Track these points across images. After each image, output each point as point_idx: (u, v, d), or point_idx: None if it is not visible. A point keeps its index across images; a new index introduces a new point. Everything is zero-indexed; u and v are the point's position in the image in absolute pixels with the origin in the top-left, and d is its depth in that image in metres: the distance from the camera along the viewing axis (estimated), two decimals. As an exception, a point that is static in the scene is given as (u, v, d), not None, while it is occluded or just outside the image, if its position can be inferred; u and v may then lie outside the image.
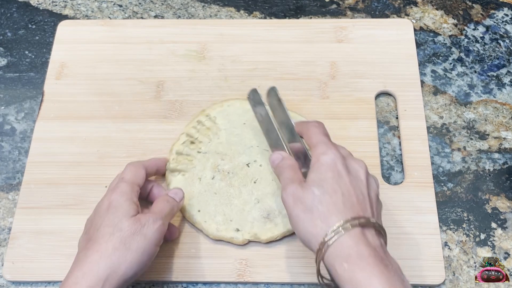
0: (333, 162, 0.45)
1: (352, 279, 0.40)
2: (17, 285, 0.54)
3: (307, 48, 0.65)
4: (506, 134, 0.61)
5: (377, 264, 0.40)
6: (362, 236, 0.42)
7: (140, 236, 0.46)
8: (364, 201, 0.44)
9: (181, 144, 0.57)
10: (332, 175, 0.45)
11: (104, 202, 0.49)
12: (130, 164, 0.53)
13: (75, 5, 0.71)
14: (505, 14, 0.69)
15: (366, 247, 0.41)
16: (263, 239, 0.53)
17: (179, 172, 0.56)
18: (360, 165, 0.47)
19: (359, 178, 0.46)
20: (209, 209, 0.54)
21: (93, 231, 0.47)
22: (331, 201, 0.43)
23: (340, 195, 0.44)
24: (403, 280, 0.41)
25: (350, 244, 0.41)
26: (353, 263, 0.40)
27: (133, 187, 0.50)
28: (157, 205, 0.50)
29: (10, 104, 0.64)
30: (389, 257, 0.42)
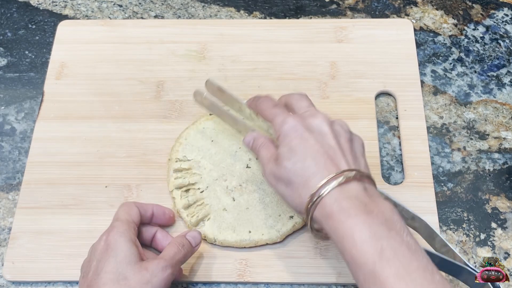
0: (294, 129, 0.45)
1: (337, 234, 0.41)
2: (17, 285, 0.54)
3: (307, 48, 0.65)
4: (506, 134, 0.61)
5: (357, 213, 0.40)
6: (341, 191, 0.42)
7: (148, 285, 0.43)
8: (335, 154, 0.44)
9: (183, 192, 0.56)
10: (296, 142, 0.45)
11: (100, 243, 0.46)
12: (121, 205, 0.50)
13: (75, 5, 0.71)
14: (505, 14, 0.69)
15: (345, 200, 0.41)
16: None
17: (202, 219, 0.54)
18: (319, 119, 0.46)
19: (323, 132, 0.45)
20: (258, 223, 0.54)
21: (93, 276, 0.44)
22: (304, 169, 0.44)
23: (310, 159, 0.44)
24: (388, 221, 0.40)
25: (330, 202, 0.42)
26: (336, 219, 0.41)
27: (129, 224, 0.47)
28: (170, 250, 0.47)
29: (10, 104, 0.64)
30: (375, 199, 0.42)
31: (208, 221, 0.54)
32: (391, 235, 0.39)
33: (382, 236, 0.39)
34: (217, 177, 0.56)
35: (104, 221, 0.50)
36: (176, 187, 0.55)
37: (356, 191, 0.42)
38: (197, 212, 0.54)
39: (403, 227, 0.41)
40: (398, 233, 0.40)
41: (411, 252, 0.39)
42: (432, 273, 0.38)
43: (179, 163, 0.57)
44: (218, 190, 0.55)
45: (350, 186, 0.42)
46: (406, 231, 0.40)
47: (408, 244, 0.39)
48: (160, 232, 0.52)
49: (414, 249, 0.39)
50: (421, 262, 0.38)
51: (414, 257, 0.38)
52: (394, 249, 0.38)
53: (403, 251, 0.38)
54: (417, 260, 0.38)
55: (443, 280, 0.38)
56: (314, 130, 0.45)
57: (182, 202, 0.55)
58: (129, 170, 0.58)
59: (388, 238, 0.39)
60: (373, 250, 0.38)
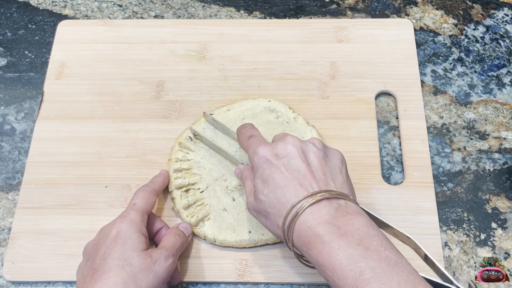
0: (263, 159, 0.46)
1: (317, 263, 0.41)
2: (17, 285, 0.54)
3: (307, 48, 0.65)
4: (506, 134, 0.61)
5: (332, 239, 0.40)
6: (313, 216, 0.41)
7: (151, 273, 0.45)
8: (304, 177, 0.44)
9: (183, 192, 0.56)
10: (267, 172, 0.45)
11: (112, 230, 0.47)
12: (142, 191, 0.52)
13: (75, 5, 0.71)
14: (505, 14, 0.69)
15: (319, 226, 0.41)
16: None
17: (202, 219, 0.54)
18: (289, 143, 0.46)
19: (292, 156, 0.45)
20: (258, 223, 0.53)
21: (100, 262, 0.45)
22: (276, 199, 0.44)
23: (280, 189, 0.44)
24: (365, 240, 0.39)
25: (305, 231, 0.41)
26: (313, 248, 0.41)
27: (143, 216, 0.49)
28: (168, 240, 0.49)
29: (10, 104, 0.64)
30: (349, 218, 0.41)
31: (208, 221, 0.54)
32: (368, 254, 0.38)
33: (359, 257, 0.38)
34: (217, 177, 0.56)
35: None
36: (176, 187, 0.55)
37: (328, 214, 0.41)
38: (197, 212, 0.54)
39: (381, 240, 0.40)
40: (375, 250, 0.39)
41: (390, 267, 0.38)
42: (414, 284, 0.37)
43: (179, 163, 0.57)
44: (218, 190, 0.55)
45: (321, 208, 0.42)
46: (385, 244, 0.40)
47: (387, 259, 0.38)
48: (166, 229, 0.52)
49: (394, 263, 0.38)
50: (402, 275, 0.38)
51: (394, 272, 0.38)
52: (373, 269, 0.38)
53: (382, 268, 0.38)
54: (397, 274, 0.38)
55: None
56: (283, 156, 0.45)
57: (182, 202, 0.55)
58: (129, 170, 0.58)
59: (365, 259, 0.38)
60: (352, 275, 0.38)
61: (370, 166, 0.58)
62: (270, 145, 0.47)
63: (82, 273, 0.46)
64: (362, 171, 0.57)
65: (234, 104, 0.60)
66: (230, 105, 0.60)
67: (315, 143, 0.47)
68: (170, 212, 0.56)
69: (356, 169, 0.57)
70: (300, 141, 0.46)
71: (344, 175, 0.46)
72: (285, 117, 0.59)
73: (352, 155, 0.58)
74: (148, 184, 0.54)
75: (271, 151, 0.46)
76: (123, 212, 0.50)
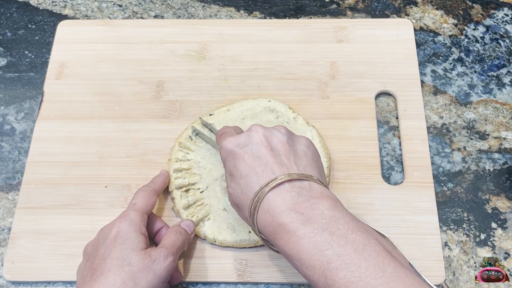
0: (227, 151, 0.46)
1: (285, 254, 0.40)
2: (17, 285, 0.54)
3: (307, 48, 0.65)
4: (506, 134, 0.61)
5: (297, 228, 0.39)
6: (274, 203, 0.41)
7: (150, 272, 0.45)
8: (267, 163, 0.43)
9: (183, 193, 0.56)
10: (231, 164, 0.45)
11: (112, 230, 0.47)
12: (142, 191, 0.52)
13: (75, 5, 0.71)
14: (505, 14, 0.69)
15: (282, 214, 0.40)
16: None
17: (202, 219, 0.54)
18: (251, 130, 0.46)
19: (253, 143, 0.45)
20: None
21: (99, 262, 0.45)
22: (240, 190, 0.44)
23: (244, 178, 0.43)
24: (330, 224, 0.38)
25: (269, 221, 0.41)
26: (279, 238, 0.40)
27: (143, 216, 0.49)
28: (168, 238, 0.48)
29: (10, 104, 0.64)
30: (313, 202, 0.40)
31: (208, 221, 0.54)
32: (334, 240, 0.38)
33: (325, 245, 0.38)
34: (217, 177, 0.56)
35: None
36: (176, 187, 0.55)
37: (291, 199, 0.40)
38: (197, 212, 0.54)
39: (347, 223, 0.39)
40: (342, 235, 0.38)
41: (358, 252, 0.37)
42: (383, 269, 0.36)
43: (179, 163, 0.57)
44: (218, 190, 0.55)
45: (284, 196, 0.41)
46: (352, 226, 0.39)
47: (354, 243, 0.38)
48: (166, 229, 0.52)
49: (362, 246, 0.37)
50: (370, 260, 0.37)
51: (362, 258, 0.37)
52: (339, 256, 0.37)
53: (350, 255, 0.37)
54: (365, 259, 0.37)
55: (395, 271, 0.36)
56: (246, 145, 0.45)
57: (182, 202, 0.55)
58: (129, 170, 0.58)
59: (331, 246, 0.37)
60: (320, 264, 0.37)
61: (370, 166, 0.58)
62: (234, 136, 0.46)
63: (81, 273, 0.46)
64: (362, 171, 0.57)
65: (234, 104, 0.60)
66: (230, 105, 0.60)
67: (279, 129, 0.46)
68: (170, 212, 0.56)
69: (356, 169, 0.57)
70: (264, 128, 0.46)
71: (309, 158, 0.45)
72: (285, 117, 0.59)
73: (352, 155, 0.58)
74: (148, 184, 0.54)
75: (234, 142, 0.46)
76: (123, 212, 0.50)
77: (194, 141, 0.58)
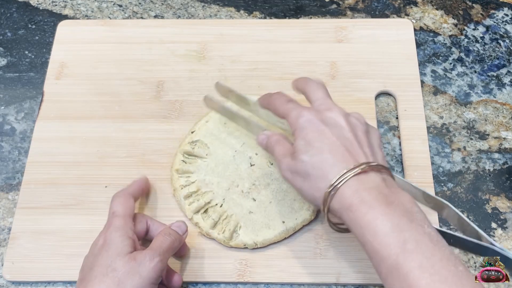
0: (310, 122, 0.45)
1: (357, 226, 0.41)
2: (17, 285, 0.54)
3: (307, 48, 0.65)
4: (506, 134, 0.61)
5: (378, 205, 0.40)
6: (360, 182, 0.42)
7: (135, 276, 0.44)
8: (352, 147, 0.44)
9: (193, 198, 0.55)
10: (313, 135, 0.45)
11: (99, 239, 0.47)
12: (117, 196, 0.51)
13: (75, 5, 0.71)
14: (505, 14, 0.69)
15: (365, 191, 0.41)
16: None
17: (234, 231, 0.54)
18: (335, 112, 0.46)
19: (339, 125, 0.45)
20: (286, 211, 0.54)
21: (87, 271, 0.45)
22: (321, 162, 0.44)
23: (327, 152, 0.44)
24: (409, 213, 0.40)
25: (349, 194, 0.41)
26: (356, 210, 0.41)
27: (126, 220, 0.48)
28: (156, 240, 0.48)
29: (10, 104, 0.64)
30: (394, 191, 0.42)
31: (241, 230, 0.53)
32: (413, 226, 0.39)
33: (404, 228, 0.39)
34: (228, 187, 0.55)
35: (104, 221, 0.50)
36: (194, 211, 0.54)
37: (375, 182, 0.42)
38: (226, 226, 0.54)
39: (424, 218, 0.41)
40: (419, 225, 0.39)
41: (433, 243, 0.38)
42: (455, 264, 0.38)
43: (186, 189, 0.55)
44: (235, 198, 0.55)
45: (368, 177, 0.42)
46: (427, 222, 0.40)
47: (430, 236, 0.39)
48: (151, 221, 0.52)
49: (436, 240, 0.39)
50: (444, 253, 0.38)
51: (436, 248, 0.38)
52: (417, 241, 0.38)
53: (426, 243, 0.38)
54: (439, 251, 0.38)
55: (466, 271, 0.38)
56: (330, 123, 0.45)
57: (208, 224, 0.54)
58: (129, 170, 0.58)
59: (410, 230, 0.39)
60: (396, 242, 0.38)
61: (370, 166, 0.58)
62: (316, 111, 0.47)
63: (76, 285, 0.47)
64: (362, 171, 0.57)
65: (210, 113, 0.59)
66: (207, 116, 0.59)
67: (359, 118, 0.48)
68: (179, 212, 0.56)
69: (356, 169, 0.57)
70: (346, 112, 0.47)
71: (382, 152, 0.47)
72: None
73: (352, 155, 0.58)
74: (122, 189, 0.53)
75: (318, 116, 0.46)
76: (106, 222, 0.49)
77: (189, 163, 0.57)
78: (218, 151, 0.57)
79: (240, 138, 0.57)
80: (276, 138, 0.49)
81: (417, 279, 0.37)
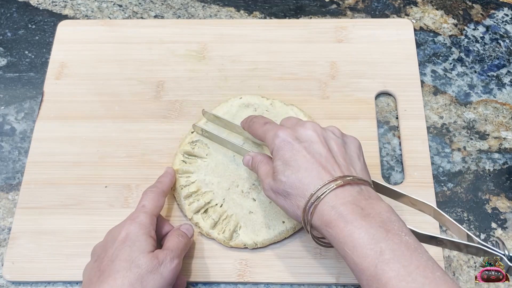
0: (284, 142, 0.46)
1: (337, 241, 0.41)
2: (17, 285, 0.54)
3: (307, 48, 0.65)
4: (506, 134, 0.61)
5: (355, 219, 0.41)
6: (336, 197, 0.42)
7: (157, 275, 0.45)
8: (327, 162, 0.45)
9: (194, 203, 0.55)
10: (289, 155, 0.46)
11: (121, 232, 0.47)
12: (151, 192, 0.51)
13: (75, 5, 0.71)
14: (505, 14, 0.69)
15: (342, 206, 0.42)
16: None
17: (234, 231, 0.54)
18: (309, 128, 0.47)
19: (313, 141, 0.46)
20: (275, 222, 0.54)
21: (107, 263, 0.45)
22: (298, 181, 0.44)
23: (303, 171, 0.44)
24: (386, 223, 0.41)
25: (327, 210, 0.42)
26: (335, 226, 0.41)
27: (152, 219, 0.49)
28: (172, 241, 0.49)
29: (10, 104, 0.64)
30: (371, 202, 0.43)
31: (241, 230, 0.54)
32: (389, 236, 0.40)
33: (380, 238, 0.39)
34: (228, 187, 0.55)
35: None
36: (194, 212, 0.54)
37: (351, 196, 0.43)
38: (226, 226, 0.54)
39: (401, 226, 0.41)
40: (396, 234, 0.40)
41: (410, 251, 0.39)
42: (433, 270, 0.38)
43: (186, 189, 0.55)
44: (235, 198, 0.55)
45: (344, 191, 0.43)
46: (405, 230, 0.41)
47: (407, 244, 0.40)
48: (167, 225, 0.52)
49: (414, 248, 0.40)
50: (421, 260, 0.39)
51: (413, 256, 0.39)
52: (393, 251, 0.39)
53: (402, 251, 0.39)
54: (416, 259, 0.39)
55: (444, 276, 0.38)
56: (304, 140, 0.46)
57: (208, 224, 0.54)
58: (129, 170, 0.58)
59: (386, 240, 0.39)
60: (373, 254, 0.39)
61: (370, 166, 0.57)
62: (290, 129, 0.47)
63: (88, 274, 0.46)
64: (362, 171, 0.57)
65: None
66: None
67: (333, 131, 0.48)
68: (179, 212, 0.56)
69: (356, 169, 0.57)
70: (320, 127, 0.48)
71: (362, 162, 0.48)
72: (262, 107, 0.59)
73: (352, 155, 0.58)
74: (156, 185, 0.53)
75: (292, 135, 0.47)
76: (132, 214, 0.49)
77: (189, 163, 0.57)
78: (218, 151, 0.57)
79: (240, 138, 0.57)
80: (260, 159, 0.51)
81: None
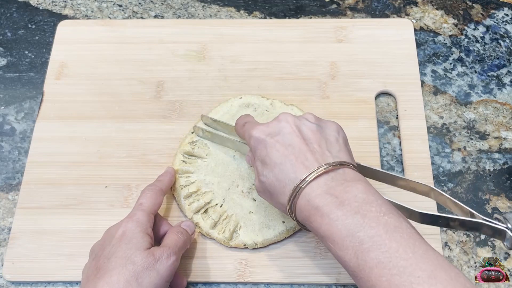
0: (258, 140, 0.46)
1: (319, 235, 0.42)
2: (17, 285, 0.54)
3: (307, 48, 0.65)
4: (506, 134, 0.61)
5: (330, 210, 0.40)
6: (311, 190, 0.42)
7: (153, 272, 0.45)
8: (300, 152, 0.44)
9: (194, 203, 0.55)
10: (264, 153, 0.45)
11: (118, 230, 0.47)
12: (149, 190, 0.51)
13: (75, 5, 0.71)
14: (505, 14, 0.69)
15: (317, 198, 0.41)
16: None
17: (234, 231, 0.54)
18: (280, 120, 0.46)
19: (286, 132, 0.45)
20: (275, 222, 0.54)
21: (104, 261, 0.45)
22: (276, 179, 0.44)
23: (278, 167, 0.44)
24: (362, 207, 0.40)
25: (304, 205, 0.42)
26: (314, 221, 0.41)
27: (150, 216, 0.49)
28: (170, 238, 0.49)
29: (10, 104, 0.64)
30: (347, 185, 0.42)
31: (240, 230, 0.54)
32: (366, 222, 0.39)
33: (358, 227, 0.39)
34: (228, 187, 0.55)
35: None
36: (194, 212, 0.54)
37: (325, 185, 0.42)
38: (226, 226, 0.54)
39: (380, 205, 0.40)
40: (374, 218, 0.39)
41: (389, 233, 0.38)
42: (414, 249, 0.38)
43: (186, 189, 0.55)
44: (235, 198, 0.55)
45: (319, 181, 0.42)
46: (384, 209, 0.40)
47: (386, 225, 0.39)
48: (166, 224, 0.52)
49: (393, 228, 0.39)
50: (401, 241, 0.38)
51: (393, 239, 0.38)
52: (371, 237, 0.38)
53: (381, 236, 0.38)
54: (396, 240, 0.38)
55: (426, 253, 0.38)
56: (277, 134, 0.46)
57: (208, 224, 0.54)
58: (129, 170, 0.58)
59: (363, 228, 0.39)
60: (352, 245, 0.39)
61: (370, 166, 0.58)
62: (263, 125, 0.47)
63: (86, 272, 0.47)
64: (362, 171, 0.57)
65: (208, 114, 0.60)
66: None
67: (307, 118, 0.47)
68: (178, 212, 0.56)
69: (356, 169, 0.57)
70: (293, 116, 0.47)
71: (340, 144, 0.46)
72: (262, 107, 0.59)
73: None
74: (155, 183, 0.53)
75: (264, 131, 0.46)
76: (130, 212, 0.49)
77: (189, 163, 0.57)
78: (218, 151, 0.57)
79: (239, 138, 0.57)
80: (251, 159, 0.50)
81: (378, 277, 0.37)
